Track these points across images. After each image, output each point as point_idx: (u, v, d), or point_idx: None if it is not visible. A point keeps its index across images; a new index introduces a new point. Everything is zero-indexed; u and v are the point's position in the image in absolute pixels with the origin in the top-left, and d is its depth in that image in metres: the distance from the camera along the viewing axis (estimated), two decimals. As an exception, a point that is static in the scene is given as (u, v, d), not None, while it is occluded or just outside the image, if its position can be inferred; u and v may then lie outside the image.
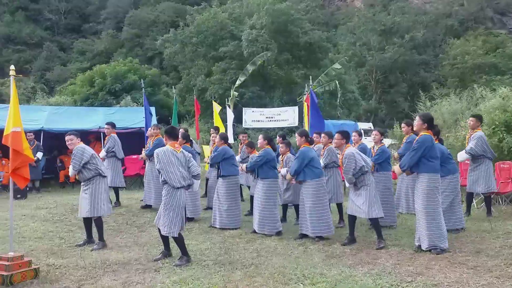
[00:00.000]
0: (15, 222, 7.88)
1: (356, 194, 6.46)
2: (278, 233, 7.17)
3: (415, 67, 37.34)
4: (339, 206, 7.98)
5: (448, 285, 4.66)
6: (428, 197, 5.88)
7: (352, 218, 6.56)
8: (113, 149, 9.54)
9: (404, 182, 8.16)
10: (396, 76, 37.14)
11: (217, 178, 7.96)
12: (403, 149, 7.56)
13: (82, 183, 6.56)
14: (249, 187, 9.63)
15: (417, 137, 6.10)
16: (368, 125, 24.81)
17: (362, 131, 11.76)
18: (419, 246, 5.98)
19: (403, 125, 8.34)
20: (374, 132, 7.80)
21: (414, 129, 6.14)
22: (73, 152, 6.44)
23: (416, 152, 5.90)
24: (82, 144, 6.60)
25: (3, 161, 11.56)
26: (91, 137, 12.97)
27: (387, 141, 15.57)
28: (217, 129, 10.91)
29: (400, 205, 8.45)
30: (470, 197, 8.32)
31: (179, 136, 8.43)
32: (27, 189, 11.10)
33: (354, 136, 8.17)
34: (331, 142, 7.84)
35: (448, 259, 5.56)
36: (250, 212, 8.54)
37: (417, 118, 6.11)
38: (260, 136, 7.52)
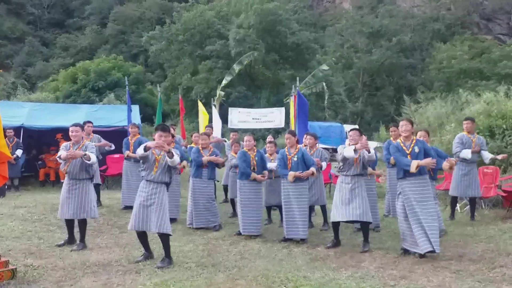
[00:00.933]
0: (-8, 221, 7.69)
1: (348, 198, 6.26)
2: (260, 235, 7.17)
3: (401, 70, 37.68)
4: (323, 208, 7.95)
5: (431, 289, 4.65)
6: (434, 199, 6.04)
7: (336, 224, 6.51)
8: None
9: (392, 185, 8.15)
10: (383, 79, 37.46)
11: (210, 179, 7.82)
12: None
13: (69, 181, 6.26)
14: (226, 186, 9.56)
15: (414, 142, 6.01)
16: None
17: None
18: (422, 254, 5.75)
19: (393, 128, 8.26)
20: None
21: (406, 134, 6.03)
22: (89, 145, 6.28)
23: (434, 153, 6.07)
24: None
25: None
26: (59, 136, 12.64)
27: (373, 144, 15.65)
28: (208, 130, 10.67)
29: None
30: (454, 201, 8.37)
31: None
32: (6, 187, 10.82)
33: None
34: (316, 144, 7.88)
35: (431, 263, 5.56)
36: (234, 214, 8.47)
37: (406, 122, 6.07)
38: (250, 138, 7.38)
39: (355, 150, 6.14)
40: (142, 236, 5.72)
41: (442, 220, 7.21)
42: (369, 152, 6.21)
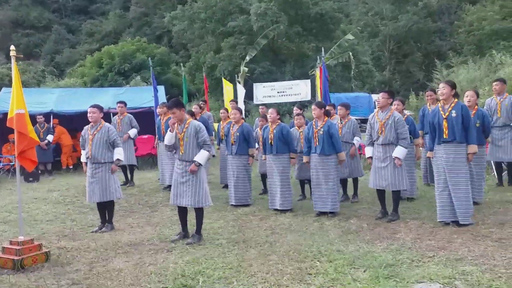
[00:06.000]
0: (27, 205, 7.89)
1: (381, 166, 6.18)
2: (291, 209, 7.10)
3: (429, 35, 36.26)
4: (356, 181, 7.76)
5: (473, 259, 4.43)
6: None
7: (381, 192, 6.34)
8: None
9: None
10: (411, 45, 36.20)
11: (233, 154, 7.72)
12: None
13: (92, 165, 6.29)
14: None
15: (453, 105, 5.59)
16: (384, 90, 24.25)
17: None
18: (457, 222, 5.57)
19: (429, 93, 7.88)
20: (396, 102, 7.30)
21: (443, 97, 5.66)
22: (111, 130, 6.31)
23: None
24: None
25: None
26: (55, 122, 12.64)
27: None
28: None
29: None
30: (498, 166, 8.04)
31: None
32: (39, 172, 11.10)
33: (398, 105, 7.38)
34: (347, 114, 7.66)
35: (470, 232, 5.33)
36: (264, 191, 8.36)
37: (444, 85, 5.67)
38: (273, 110, 7.29)
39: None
40: (182, 212, 5.73)
41: (482, 193, 6.85)
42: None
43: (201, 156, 5.50)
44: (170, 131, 5.58)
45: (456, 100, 5.67)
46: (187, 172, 5.52)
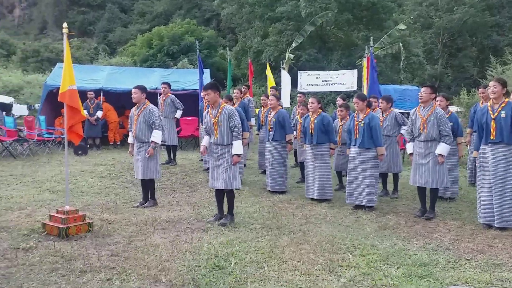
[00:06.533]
0: (74, 177, 8.27)
1: (422, 163, 6.04)
2: (329, 200, 7.05)
3: (486, 29, 34.46)
4: (395, 176, 7.61)
5: (513, 266, 4.29)
6: None
7: (421, 190, 6.20)
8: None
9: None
10: (465, 39, 34.57)
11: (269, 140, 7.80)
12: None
13: (137, 143, 6.55)
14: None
15: (503, 105, 5.34)
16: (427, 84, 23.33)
17: None
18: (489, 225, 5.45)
19: (482, 90, 7.56)
20: (439, 98, 6.98)
21: (493, 96, 5.42)
22: (151, 111, 6.48)
23: None
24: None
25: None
26: (103, 99, 12.97)
27: (452, 109, 14.60)
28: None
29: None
30: None
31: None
32: (88, 146, 11.58)
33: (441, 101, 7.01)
34: (389, 107, 7.50)
35: (514, 237, 5.13)
36: (302, 180, 8.36)
37: (494, 83, 5.39)
38: (314, 100, 7.23)
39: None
40: (219, 195, 5.86)
41: None
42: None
43: (237, 148, 5.64)
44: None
45: (507, 99, 5.41)
46: (222, 155, 5.67)
